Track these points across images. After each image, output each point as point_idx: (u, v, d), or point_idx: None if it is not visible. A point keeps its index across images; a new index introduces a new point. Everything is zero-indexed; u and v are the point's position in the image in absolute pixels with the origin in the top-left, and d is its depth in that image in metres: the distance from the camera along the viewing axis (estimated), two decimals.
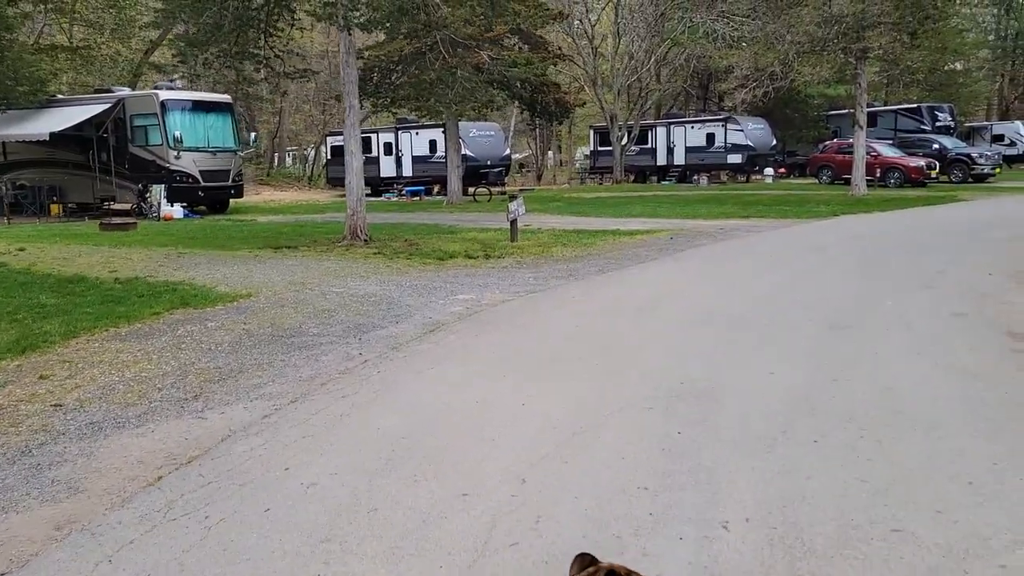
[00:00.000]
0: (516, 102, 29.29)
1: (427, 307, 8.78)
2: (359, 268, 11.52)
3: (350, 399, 5.50)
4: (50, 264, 11.93)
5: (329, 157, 39.45)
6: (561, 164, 62.62)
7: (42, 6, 30.49)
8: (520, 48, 25.39)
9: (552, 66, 27.98)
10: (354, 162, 14.36)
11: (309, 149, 49.25)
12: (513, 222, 14.61)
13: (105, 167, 25.04)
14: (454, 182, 27.29)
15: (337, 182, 39.61)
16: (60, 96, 26.71)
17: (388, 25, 14.97)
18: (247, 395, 5.69)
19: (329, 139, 39.70)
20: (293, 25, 14.70)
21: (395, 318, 8.21)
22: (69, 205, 26.28)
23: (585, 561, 1.83)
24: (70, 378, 6.09)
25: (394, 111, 29.26)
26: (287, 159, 58.82)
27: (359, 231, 14.35)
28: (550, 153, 68.43)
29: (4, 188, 26.07)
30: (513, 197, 14.79)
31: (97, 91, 26.89)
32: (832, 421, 4.80)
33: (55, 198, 25.87)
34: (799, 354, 6.40)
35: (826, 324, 7.49)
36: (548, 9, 23.83)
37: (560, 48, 34.12)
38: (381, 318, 8.21)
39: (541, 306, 8.69)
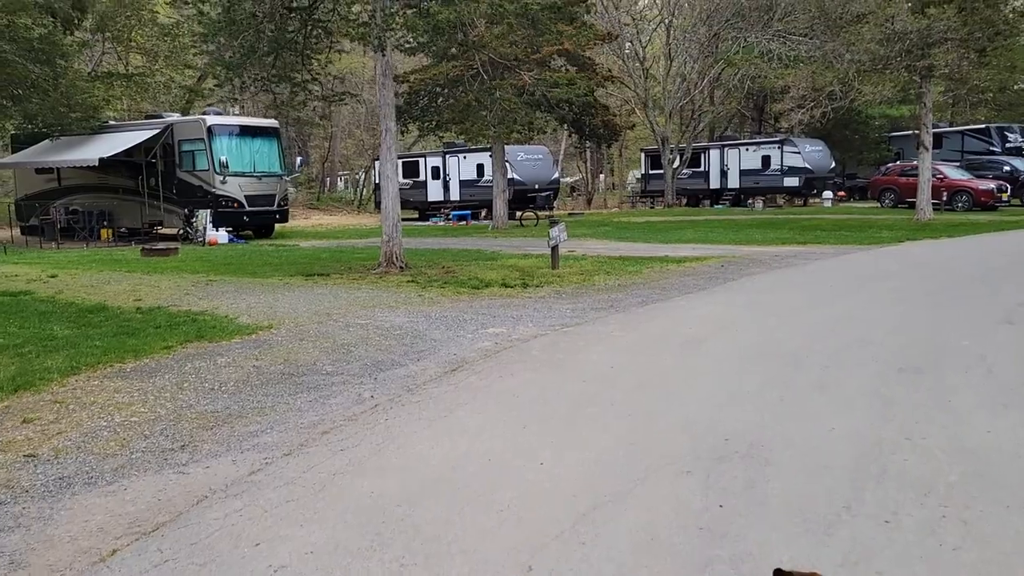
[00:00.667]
0: (564, 125, 28.73)
1: (453, 342, 8.17)
2: (389, 298, 10.99)
3: (349, 453, 4.90)
4: (77, 292, 11.67)
5: (377, 181, 39.31)
6: (613, 188, 61.88)
7: (100, 35, 31.11)
8: (567, 70, 24.86)
9: (600, 88, 27.39)
10: (390, 187, 13.92)
11: (360, 173, 49.38)
12: (554, 249, 13.98)
13: (154, 192, 25.18)
14: (500, 207, 26.79)
15: None
16: (112, 122, 27.03)
17: (425, 46, 14.56)
18: (239, 445, 5.14)
19: (377, 163, 39.62)
20: (331, 48, 14.35)
21: (417, 354, 7.62)
22: (120, 230, 26.50)
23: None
24: (55, 422, 5.62)
25: (440, 135, 28.89)
26: (339, 183, 59.22)
27: (395, 258, 13.87)
28: (601, 177, 67.82)
29: (57, 213, 26.45)
30: (555, 222, 14.17)
31: (148, 117, 27.16)
32: (906, 493, 4.04)
33: (105, 223, 26.08)
34: (863, 403, 5.62)
35: (893, 366, 6.68)
36: (596, 30, 23.30)
37: (610, 70, 33.57)
38: (403, 354, 7.63)
39: (576, 342, 8.02)
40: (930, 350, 7.29)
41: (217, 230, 23.63)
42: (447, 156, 36.28)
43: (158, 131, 24.44)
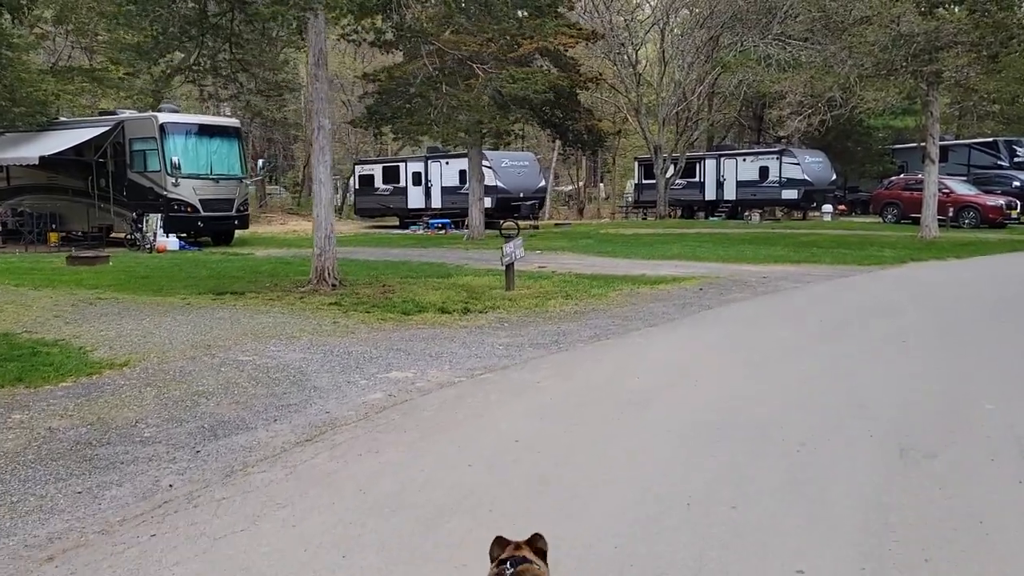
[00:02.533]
0: (546, 130, 27.03)
1: (338, 391, 6.44)
2: (297, 325, 9.26)
3: None
4: None
5: (357, 187, 37.67)
6: (619, 196, 60.10)
7: (62, 27, 29.44)
8: (548, 70, 23.17)
9: (583, 90, 25.67)
10: (323, 192, 12.21)
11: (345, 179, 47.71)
12: (508, 267, 12.25)
13: (104, 194, 23.46)
14: (475, 215, 25.08)
15: (365, 213, 37.87)
16: (63, 118, 25.31)
17: (356, 34, 12.83)
18: None
19: (357, 168, 37.99)
20: (264, 34, 12.64)
21: (281, 410, 5.89)
22: (76, 233, 24.76)
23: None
24: None
25: (418, 139, 27.15)
26: None
27: (327, 274, 12.14)
28: (601, 186, 66.06)
29: (4, 214, 24.76)
30: (509, 236, 12.45)
31: (102, 114, 25.44)
32: None
33: (54, 226, 24.35)
34: (849, 520, 3.88)
35: (895, 445, 4.95)
36: (578, 28, 21.63)
37: (600, 74, 31.89)
38: (261, 410, 5.90)
39: (488, 396, 6.28)
40: (943, 418, 5.56)
41: (167, 236, 21.91)
42: (429, 162, 34.57)
43: (108, 128, 22.73)
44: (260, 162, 26.76)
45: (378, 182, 35.98)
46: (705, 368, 7.17)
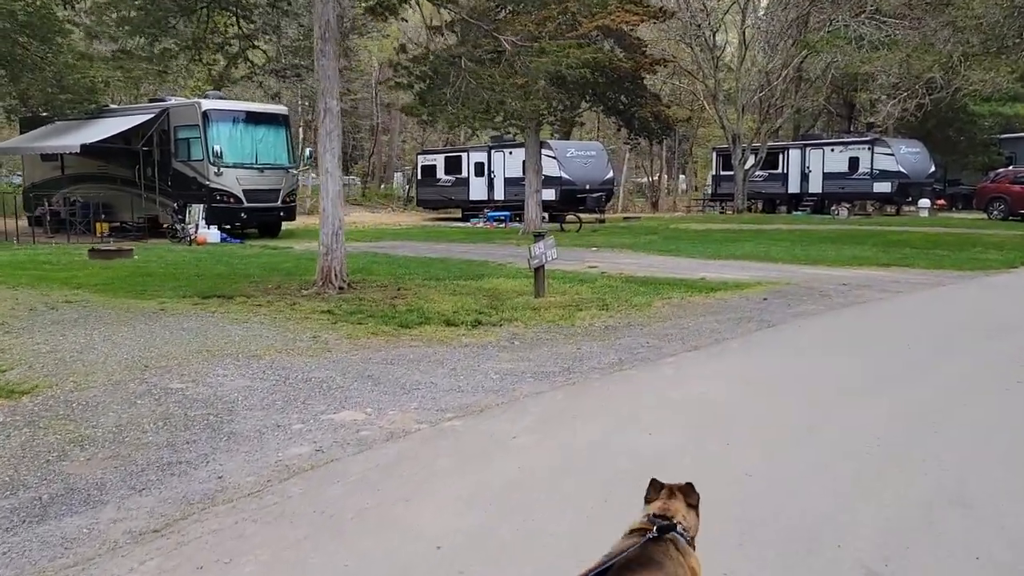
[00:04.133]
0: (613, 117, 25.15)
1: (256, 441, 4.98)
2: (269, 339, 7.86)
3: None
4: None
5: (419, 177, 36.49)
6: (695, 189, 57.55)
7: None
8: (613, 51, 21.33)
9: (651, 73, 23.67)
10: (330, 184, 10.80)
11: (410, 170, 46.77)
12: (537, 270, 10.62)
13: (150, 183, 22.79)
14: (532, 208, 23.45)
15: (427, 204, 36.72)
16: (113, 106, 24.77)
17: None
18: None
19: (420, 158, 36.80)
20: (276, 6, 11.32)
21: (161, 473, 4.46)
22: (126, 223, 24.20)
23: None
24: None
25: (473, 127, 25.62)
26: (396, 178, 56.76)
27: (333, 276, 10.75)
28: (682, 177, 63.48)
29: (58, 204, 24.40)
30: (540, 235, 10.81)
31: (152, 101, 24.81)
32: None
33: (103, 216, 23.81)
34: None
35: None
36: (645, 5, 19.75)
37: (674, 56, 29.80)
38: (137, 471, 4.48)
39: (440, 459, 4.70)
40: None
41: (208, 228, 21.04)
42: (492, 151, 33.08)
43: (152, 116, 22.00)
44: (308, 151, 25.69)
45: (440, 173, 34.73)
46: (745, 419, 5.42)
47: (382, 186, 50.26)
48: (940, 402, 5.82)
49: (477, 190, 33.25)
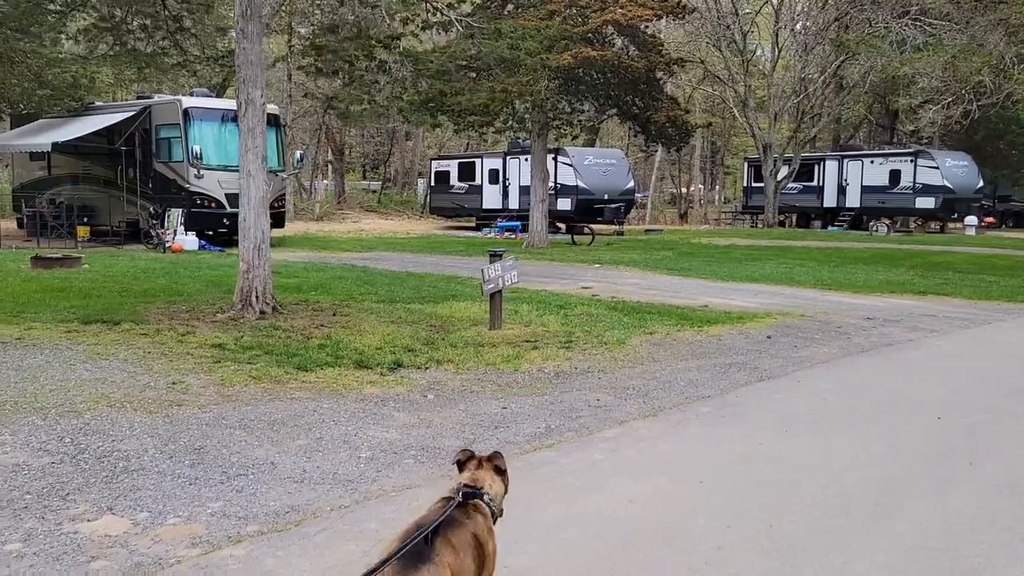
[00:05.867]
0: (629, 123, 23.27)
1: None
2: (114, 383, 6.21)
3: None
4: None
5: (432, 184, 34.92)
6: (726, 201, 55.30)
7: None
8: (627, 50, 19.53)
9: (668, 74, 21.76)
10: (251, 187, 9.17)
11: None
12: (494, 296, 8.86)
13: (132, 185, 21.46)
14: (537, 220, 21.68)
15: (439, 212, 35.13)
16: (98, 103, 23.52)
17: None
18: None
19: (434, 163, 35.24)
20: None
21: None
22: (114, 227, 22.91)
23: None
24: None
25: (478, 131, 23.97)
26: (420, 185, 55.33)
27: (254, 298, 9.09)
28: (718, 188, 61.35)
29: (42, 205, 23.20)
30: (496, 255, 9.05)
31: (140, 98, 23.53)
32: None
33: (86, 219, 22.53)
34: None
35: None
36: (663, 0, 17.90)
37: (702, 60, 27.87)
38: None
39: None
40: None
41: (186, 234, 19.63)
42: (508, 158, 31.39)
43: (133, 114, 20.67)
44: (298, 154, 24.22)
45: (453, 179, 33.12)
46: (678, 548, 3.61)
47: (404, 192, 48.85)
48: (985, 527, 3.96)
49: (491, 198, 31.57)
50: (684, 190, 45.54)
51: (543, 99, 17.06)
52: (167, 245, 19.13)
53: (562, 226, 28.57)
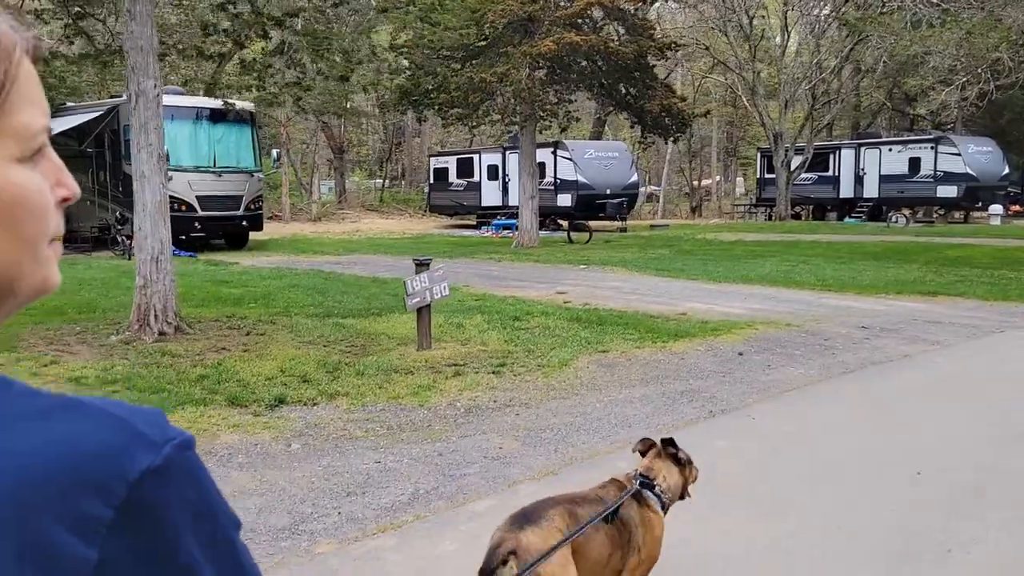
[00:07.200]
0: (623, 113, 21.99)
1: None
2: None
3: None
4: None
5: (431, 181, 33.79)
6: (746, 193, 53.70)
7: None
8: (617, 33, 18.28)
9: (660, 58, 20.42)
10: (146, 191, 8.10)
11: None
12: (421, 312, 7.69)
13: (102, 189, 20.58)
14: (526, 218, 20.46)
15: (440, 210, 34.00)
16: (69, 104, 22.67)
17: None
18: None
19: (432, 160, 34.13)
20: None
21: None
22: (82, 233, 22.06)
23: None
24: None
25: (469, 125, 22.77)
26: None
27: (153, 316, 8.00)
28: (740, 180, 59.74)
29: None
30: (423, 265, 7.87)
31: (112, 97, 22.64)
32: None
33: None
34: None
35: None
36: None
37: (708, 47, 26.49)
38: None
39: None
40: None
41: None
42: (507, 153, 30.17)
43: (100, 114, 19.78)
44: (275, 152, 23.21)
45: (452, 176, 31.96)
46: None
47: (413, 190, 47.84)
48: None
49: (490, 195, 30.38)
50: (696, 183, 44.03)
51: (522, 88, 15.87)
52: (130, 252, 18.19)
53: (564, 223, 27.35)
